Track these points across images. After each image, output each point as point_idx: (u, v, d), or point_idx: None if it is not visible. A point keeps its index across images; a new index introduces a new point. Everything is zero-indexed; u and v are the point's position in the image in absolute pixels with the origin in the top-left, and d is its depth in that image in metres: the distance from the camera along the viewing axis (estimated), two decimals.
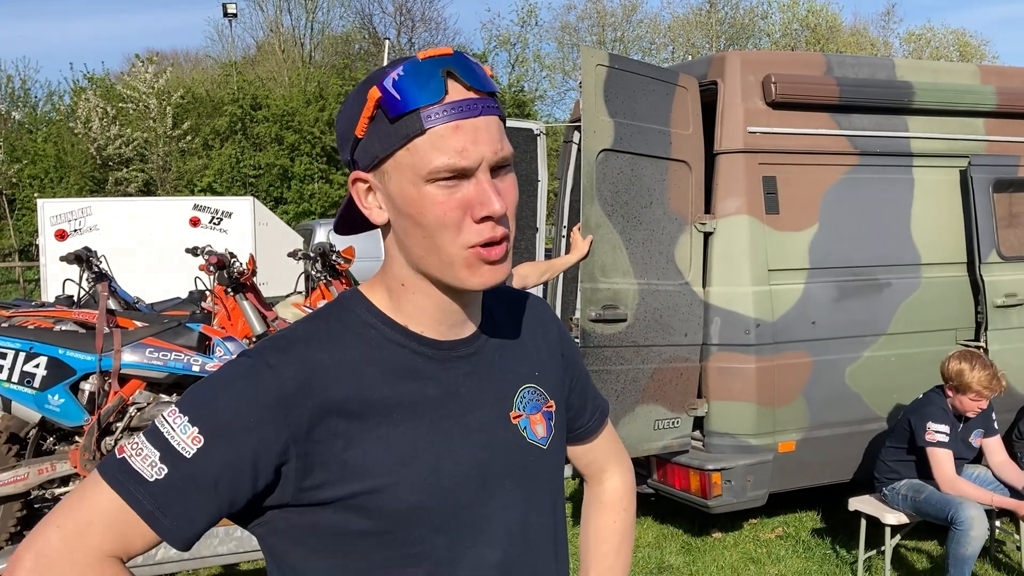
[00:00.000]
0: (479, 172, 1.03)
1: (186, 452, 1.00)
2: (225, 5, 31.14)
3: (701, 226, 4.48)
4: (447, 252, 1.05)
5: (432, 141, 1.02)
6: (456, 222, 1.04)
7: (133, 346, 4.86)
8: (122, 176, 25.91)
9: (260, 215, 14.76)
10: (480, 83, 1.04)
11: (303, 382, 1.05)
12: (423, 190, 1.03)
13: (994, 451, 4.34)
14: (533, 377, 1.24)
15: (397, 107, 1.02)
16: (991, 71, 5.25)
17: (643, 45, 34.94)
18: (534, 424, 1.20)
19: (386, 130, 1.04)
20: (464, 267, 1.06)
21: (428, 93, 1.02)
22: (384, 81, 1.03)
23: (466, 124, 1.02)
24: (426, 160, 1.02)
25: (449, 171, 1.02)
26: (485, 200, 1.03)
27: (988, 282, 4.79)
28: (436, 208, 1.03)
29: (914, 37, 37.42)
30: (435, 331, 1.14)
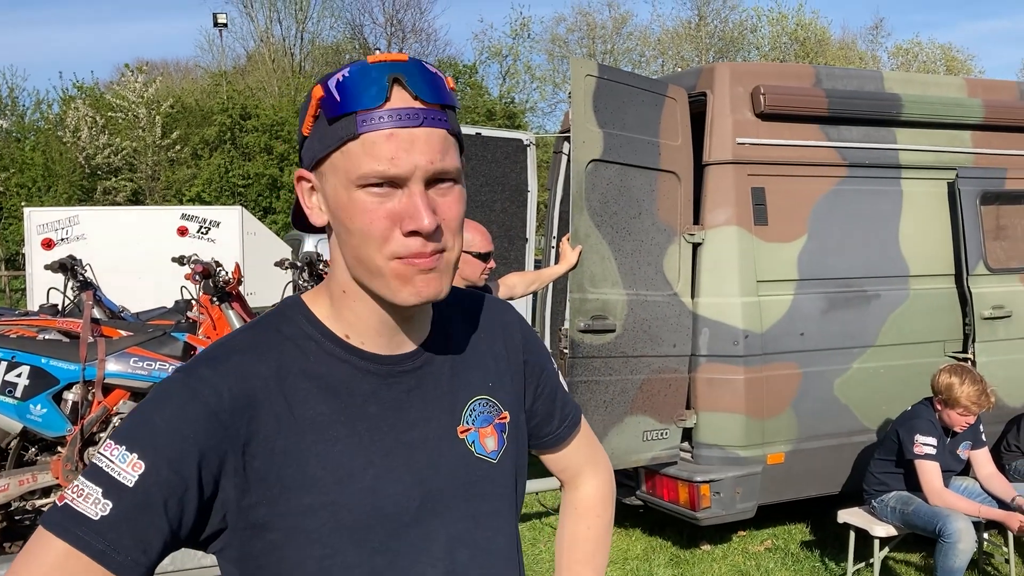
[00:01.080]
0: (411, 183, 1.00)
1: (128, 481, 0.96)
2: (216, 15, 31.16)
3: (690, 237, 4.47)
4: (374, 263, 1.02)
5: (364, 146, 0.99)
6: (383, 232, 1.00)
7: (118, 355, 4.82)
8: (110, 185, 25.83)
9: (248, 225, 14.71)
10: (428, 94, 1.01)
11: (239, 394, 1.02)
12: (353, 195, 1.00)
13: (982, 463, 4.34)
14: (486, 388, 1.20)
15: (335, 108, 1.00)
16: (978, 84, 5.27)
17: (633, 58, 35.09)
18: (483, 438, 1.17)
19: (324, 130, 1.02)
20: (393, 278, 1.02)
21: (367, 97, 0.99)
22: (329, 81, 1.01)
23: (402, 133, 0.99)
24: (356, 165, 0.99)
25: (377, 178, 0.99)
26: (414, 213, 0.99)
27: (976, 294, 4.80)
28: (364, 216, 1.00)
29: (902, 51, 37.71)
30: (376, 343, 1.11)
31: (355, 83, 1.00)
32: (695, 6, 35.73)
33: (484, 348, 1.23)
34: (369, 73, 1.00)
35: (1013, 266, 5.02)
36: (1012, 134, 5.13)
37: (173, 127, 26.93)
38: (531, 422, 1.32)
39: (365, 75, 1.00)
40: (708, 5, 35.63)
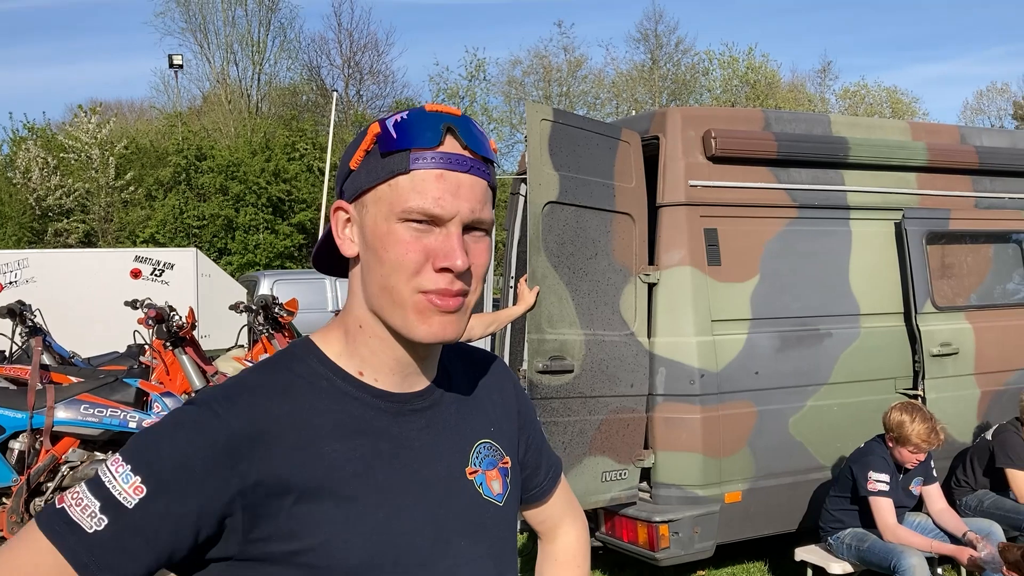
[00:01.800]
0: (451, 224, 1.05)
1: (127, 502, 0.97)
2: (171, 56, 31.02)
3: (645, 277, 4.52)
4: (399, 293, 1.05)
5: (413, 182, 1.04)
6: (415, 265, 1.04)
7: (67, 402, 4.73)
8: (62, 227, 25.44)
9: (203, 266, 14.57)
10: (477, 145, 1.08)
11: (251, 433, 1.02)
12: (393, 226, 1.05)
13: (934, 499, 4.41)
14: (489, 433, 1.23)
15: (391, 144, 1.06)
16: (921, 128, 5.44)
17: (588, 100, 35.58)
18: (490, 480, 1.19)
19: (376, 163, 1.07)
20: (414, 311, 1.06)
21: (423, 138, 1.05)
22: (388, 120, 1.08)
23: (450, 176, 1.05)
24: (403, 198, 1.04)
25: (421, 214, 1.04)
26: (449, 252, 1.04)
27: (924, 332, 4.90)
28: (399, 246, 1.04)
29: (849, 94, 38.72)
30: (389, 381, 1.13)
31: (413, 124, 1.06)
32: (648, 50, 36.44)
33: (484, 395, 1.26)
34: (426, 118, 1.07)
35: (959, 304, 5.14)
36: (954, 176, 5.28)
37: (127, 168, 26.68)
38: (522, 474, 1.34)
39: (422, 119, 1.07)
40: (661, 49, 36.36)
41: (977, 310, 5.17)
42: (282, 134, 28.35)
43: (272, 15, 33.46)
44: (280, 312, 6.77)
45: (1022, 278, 5.45)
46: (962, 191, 5.30)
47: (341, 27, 35.08)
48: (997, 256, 5.39)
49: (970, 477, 4.89)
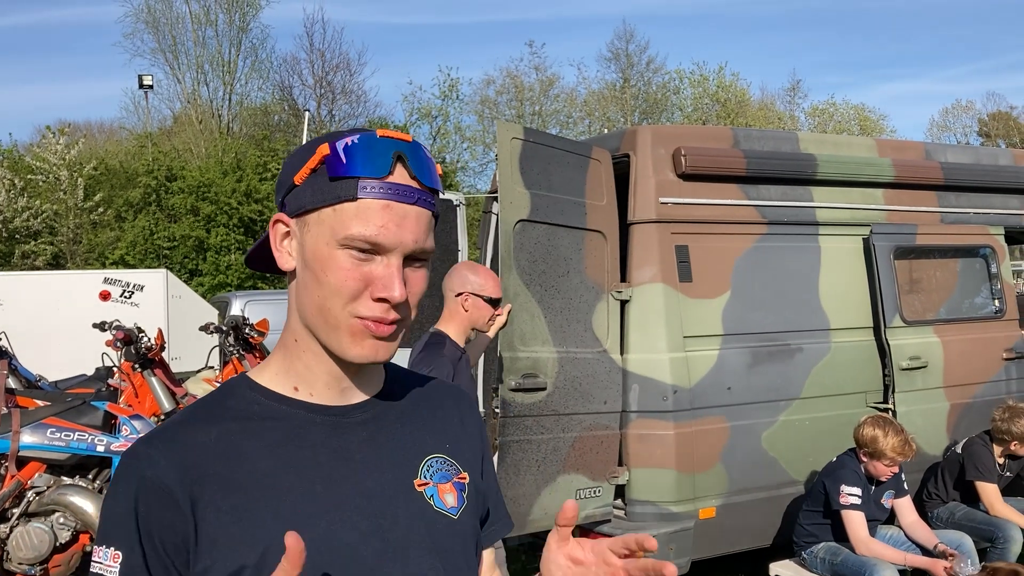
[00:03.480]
0: (392, 255, 1.06)
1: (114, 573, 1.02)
2: (141, 77, 30.87)
3: (617, 294, 4.54)
4: (334, 315, 1.07)
5: (359, 210, 1.05)
6: (353, 292, 1.06)
7: (33, 426, 4.65)
8: (29, 249, 25.11)
9: (173, 288, 14.43)
10: (424, 176, 1.08)
11: (178, 463, 1.04)
12: (334, 251, 1.06)
13: (905, 512, 4.44)
14: (443, 448, 1.21)
15: (339, 169, 1.06)
16: (887, 145, 5.51)
17: (560, 119, 35.76)
18: (443, 493, 1.18)
19: (322, 185, 1.06)
20: (348, 334, 1.07)
21: (373, 167, 1.05)
22: (337, 142, 1.07)
23: (396, 207, 1.06)
24: (346, 225, 1.04)
25: (364, 242, 1.04)
26: (388, 283, 1.05)
27: (893, 346, 4.95)
28: (339, 272, 1.05)
29: (818, 111, 39.22)
30: (325, 395, 1.14)
31: (363, 151, 1.06)
32: (619, 69, 36.75)
33: (441, 415, 1.26)
34: (377, 145, 1.07)
35: (928, 318, 5.20)
36: (921, 192, 5.36)
37: (96, 189, 26.40)
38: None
39: (372, 146, 1.06)
40: (632, 68, 36.68)
41: (945, 324, 5.24)
42: (253, 154, 28.22)
43: (243, 35, 33.39)
44: (251, 333, 6.71)
45: (988, 292, 5.53)
46: (928, 206, 5.38)
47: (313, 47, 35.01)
48: (964, 270, 5.47)
49: (941, 490, 4.93)
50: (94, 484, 4.74)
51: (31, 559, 4.51)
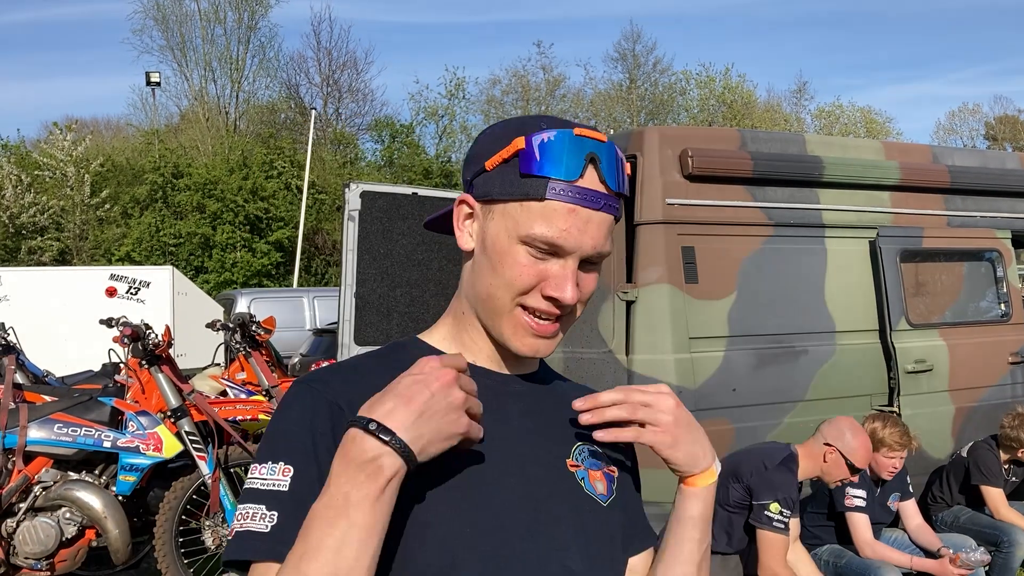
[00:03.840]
0: (570, 258, 1.07)
1: (283, 487, 1.00)
2: (148, 74, 30.94)
3: (623, 295, 4.54)
4: (501, 303, 1.08)
5: (544, 211, 1.05)
6: (525, 287, 1.07)
7: (40, 422, 4.67)
8: (36, 245, 25.20)
9: (179, 284, 14.48)
10: (614, 182, 1.08)
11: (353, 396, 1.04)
12: (514, 246, 1.07)
13: (910, 515, 4.44)
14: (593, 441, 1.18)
15: (531, 167, 1.06)
16: (894, 147, 5.51)
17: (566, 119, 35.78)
18: (593, 479, 1.17)
19: (511, 179, 1.07)
20: (509, 324, 1.09)
21: (564, 169, 1.05)
22: (533, 136, 1.07)
23: (582, 212, 1.06)
24: (530, 223, 1.06)
25: (545, 243, 1.06)
26: (561, 284, 1.07)
27: (899, 349, 4.94)
28: (516, 267, 1.07)
29: (824, 113, 39.22)
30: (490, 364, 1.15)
31: (557, 149, 1.06)
32: (626, 69, 36.77)
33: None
34: (571, 145, 1.06)
35: (933, 321, 5.20)
36: (927, 195, 5.35)
37: (103, 186, 26.50)
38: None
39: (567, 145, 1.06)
40: (639, 69, 36.70)
41: (951, 327, 5.23)
42: (260, 152, 28.29)
43: (251, 33, 33.48)
44: (257, 330, 6.73)
45: (995, 295, 5.52)
46: (934, 210, 5.37)
47: (320, 46, 35.13)
48: (970, 274, 5.46)
49: (946, 493, 4.93)
50: (100, 479, 4.76)
51: (37, 554, 4.53)
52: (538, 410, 1.16)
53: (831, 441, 3.74)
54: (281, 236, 26.74)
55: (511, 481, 1.09)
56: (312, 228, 27.34)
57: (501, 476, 1.08)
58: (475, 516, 1.05)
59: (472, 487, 1.06)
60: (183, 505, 4.82)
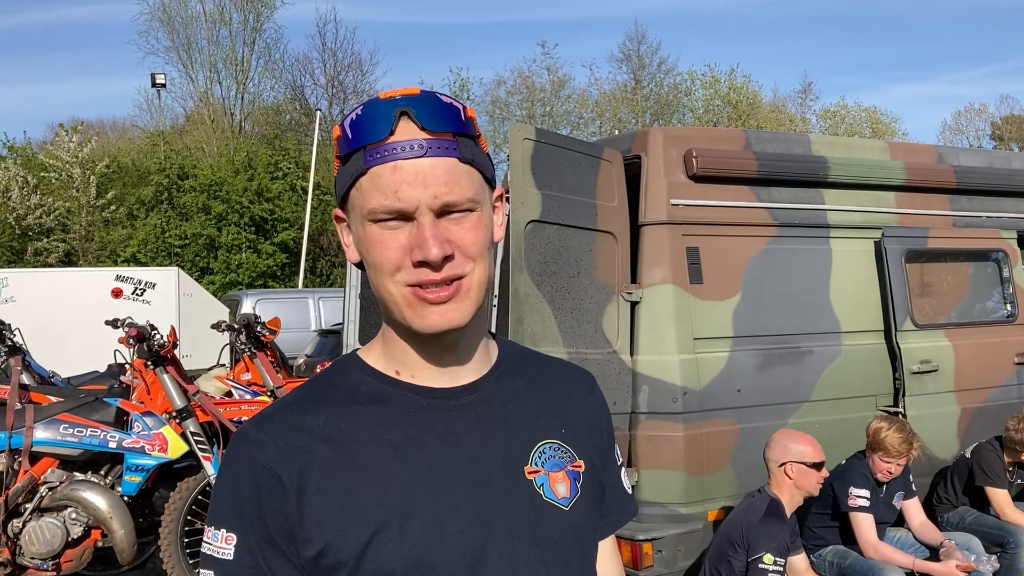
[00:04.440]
0: (419, 215, 1.01)
1: (227, 555, 1.02)
2: (154, 75, 31.00)
3: (628, 295, 4.54)
4: (389, 292, 1.04)
5: (372, 181, 1.01)
6: (394, 263, 1.02)
7: (47, 422, 4.69)
8: (42, 246, 25.26)
9: (185, 286, 14.50)
10: (436, 124, 1.02)
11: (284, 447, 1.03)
12: (368, 230, 1.03)
13: (913, 513, 4.43)
14: (559, 433, 1.15)
15: (347, 145, 1.03)
16: (899, 148, 5.50)
17: (571, 119, 35.78)
18: (554, 482, 1.12)
19: (342, 169, 1.05)
20: (406, 307, 1.04)
21: (373, 132, 1.01)
22: (345, 120, 1.04)
23: (407, 165, 1.00)
24: (366, 200, 1.02)
25: (385, 212, 1.01)
26: (421, 244, 1.00)
27: (904, 349, 4.93)
28: (376, 248, 1.03)
29: (829, 114, 39.13)
30: (426, 376, 1.10)
31: (365, 120, 1.02)
32: (631, 70, 36.72)
33: (560, 398, 1.19)
34: (378, 109, 1.02)
35: (939, 322, 5.19)
36: (932, 195, 5.35)
37: (108, 187, 26.55)
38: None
39: (374, 110, 1.02)
40: (644, 69, 36.65)
41: (956, 328, 5.22)
42: (265, 153, 28.33)
43: (257, 35, 33.51)
44: (262, 331, 6.74)
45: (1000, 296, 5.51)
46: (940, 210, 5.37)
47: (325, 47, 35.16)
48: (975, 274, 5.45)
49: (951, 494, 4.92)
50: (106, 480, 4.77)
51: (43, 554, 4.55)
52: (491, 418, 1.11)
53: (780, 459, 3.87)
54: (286, 237, 26.77)
55: (462, 506, 1.05)
56: (317, 229, 27.36)
57: (452, 502, 1.05)
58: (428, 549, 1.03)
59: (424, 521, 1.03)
60: (188, 506, 4.83)
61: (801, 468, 3.81)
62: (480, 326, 1.12)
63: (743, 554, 3.70)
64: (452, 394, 1.10)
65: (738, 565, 3.72)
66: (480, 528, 1.05)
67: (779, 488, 3.90)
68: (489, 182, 1.10)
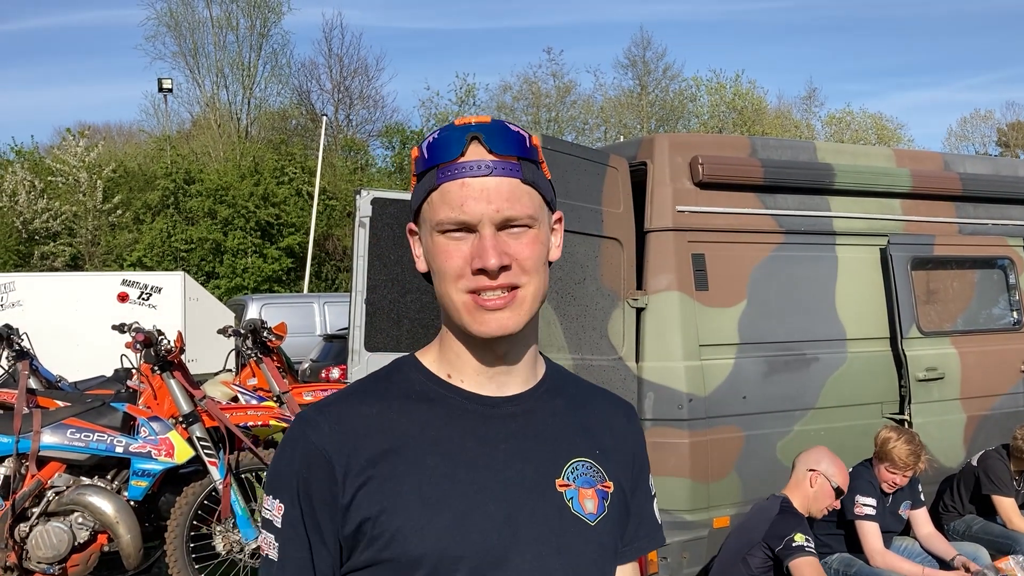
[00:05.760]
0: (482, 228, 1.10)
1: (278, 522, 1.15)
2: (160, 80, 31.10)
3: (633, 302, 4.54)
4: (451, 298, 1.13)
5: (442, 195, 1.11)
6: (457, 271, 1.11)
7: (54, 427, 4.70)
8: (48, 250, 25.34)
9: (191, 290, 14.53)
10: (502, 147, 1.12)
11: (339, 431, 1.13)
12: (436, 240, 1.13)
13: (921, 523, 4.42)
14: (593, 453, 1.22)
15: (422, 164, 1.14)
16: (905, 155, 5.50)
17: (577, 125, 35.81)
18: (583, 498, 1.19)
19: (418, 186, 1.15)
20: (465, 312, 1.12)
21: (446, 152, 1.11)
22: (423, 143, 1.15)
23: (474, 183, 1.10)
24: (436, 213, 1.12)
25: (451, 224, 1.11)
26: (481, 253, 1.10)
27: (910, 356, 4.93)
28: (441, 256, 1.12)
29: (835, 120, 39.08)
30: (475, 382, 1.18)
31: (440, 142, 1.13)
32: (636, 76, 36.74)
33: (597, 422, 1.27)
34: (452, 133, 1.13)
35: (945, 329, 5.18)
36: (938, 202, 5.34)
37: (115, 191, 26.63)
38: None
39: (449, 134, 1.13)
40: (649, 75, 36.67)
41: (962, 335, 5.21)
42: (271, 158, 28.39)
43: (263, 40, 33.61)
44: (268, 336, 6.75)
45: (1007, 303, 5.50)
46: (946, 217, 5.36)
47: (331, 52, 35.26)
48: (981, 281, 5.45)
49: (957, 502, 4.91)
50: (112, 485, 4.78)
51: (50, 558, 4.56)
52: (531, 430, 1.19)
53: (812, 466, 3.92)
54: (292, 242, 26.81)
55: (491, 507, 1.12)
56: (323, 234, 27.41)
57: (482, 502, 1.12)
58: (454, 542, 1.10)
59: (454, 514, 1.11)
60: (194, 510, 4.84)
61: (825, 484, 3.88)
62: (530, 340, 1.22)
63: (766, 550, 3.74)
64: (497, 403, 1.18)
65: (755, 562, 3.73)
66: (506, 529, 1.12)
67: (794, 492, 3.93)
68: (549, 204, 1.19)
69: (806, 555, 3.61)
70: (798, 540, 3.64)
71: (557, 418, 1.22)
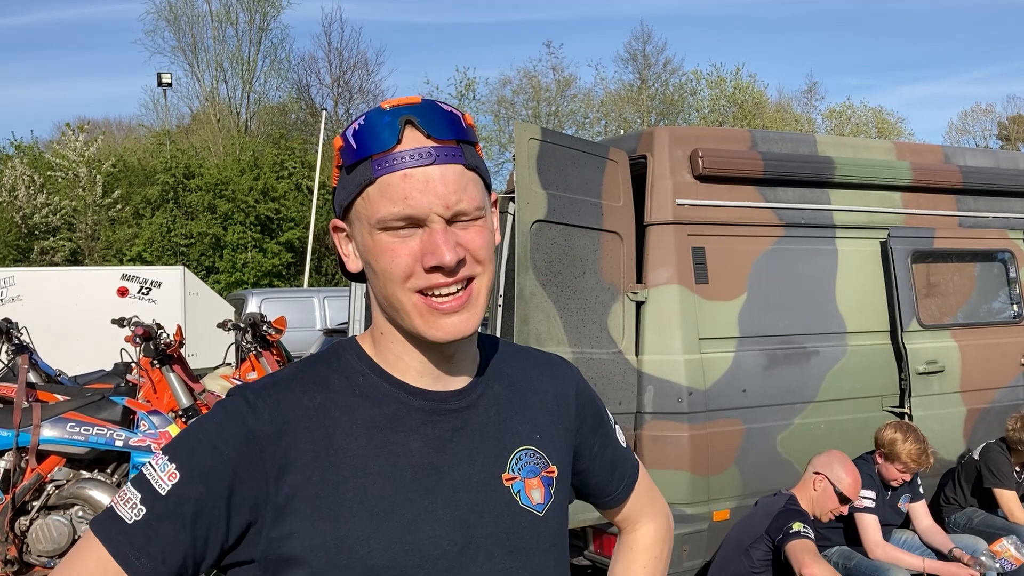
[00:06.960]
0: (430, 221, 1.02)
1: (162, 489, 1.00)
2: (160, 75, 31.04)
3: (633, 295, 4.54)
4: (398, 299, 1.05)
5: (381, 190, 1.02)
6: (405, 270, 1.03)
7: (53, 421, 4.70)
8: (48, 245, 25.34)
9: (190, 284, 14.54)
10: (442, 131, 1.04)
11: (280, 423, 1.03)
12: (376, 238, 1.03)
13: (920, 516, 4.42)
14: (533, 440, 1.18)
15: (352, 156, 1.04)
16: (906, 148, 5.49)
17: (577, 119, 35.75)
18: (530, 489, 1.15)
19: (345, 179, 1.05)
20: (417, 315, 1.05)
21: (380, 142, 1.02)
22: (347, 131, 1.05)
23: (416, 173, 1.01)
24: (375, 209, 1.02)
25: (396, 219, 1.02)
26: (435, 249, 1.02)
27: (910, 350, 4.93)
28: (385, 256, 1.03)
29: (835, 114, 39.02)
30: (420, 382, 1.11)
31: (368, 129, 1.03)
32: (637, 70, 36.68)
33: (534, 400, 1.22)
34: (382, 118, 1.03)
35: (945, 322, 5.18)
36: (939, 195, 5.33)
37: (114, 186, 26.61)
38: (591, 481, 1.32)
39: (378, 121, 1.03)
40: (649, 69, 36.61)
41: (962, 328, 5.21)
42: (271, 153, 28.37)
43: (263, 34, 33.56)
44: (268, 330, 6.76)
45: (1007, 297, 5.50)
46: (946, 210, 5.36)
47: (331, 46, 35.22)
48: (982, 274, 5.44)
49: (958, 495, 4.91)
50: (112, 478, 4.79)
51: (50, 552, 4.56)
52: (474, 425, 1.13)
53: (820, 469, 3.94)
54: (292, 236, 26.81)
55: (440, 511, 1.07)
56: (322, 229, 27.38)
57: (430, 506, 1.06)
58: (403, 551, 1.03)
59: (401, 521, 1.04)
60: None
61: (828, 488, 3.89)
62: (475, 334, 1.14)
63: (767, 543, 3.77)
64: (443, 398, 1.12)
65: (757, 555, 3.76)
66: (457, 533, 1.07)
67: (800, 492, 3.97)
68: (488, 188, 1.12)
69: (801, 539, 3.63)
70: (795, 527, 3.68)
71: (499, 407, 1.17)
